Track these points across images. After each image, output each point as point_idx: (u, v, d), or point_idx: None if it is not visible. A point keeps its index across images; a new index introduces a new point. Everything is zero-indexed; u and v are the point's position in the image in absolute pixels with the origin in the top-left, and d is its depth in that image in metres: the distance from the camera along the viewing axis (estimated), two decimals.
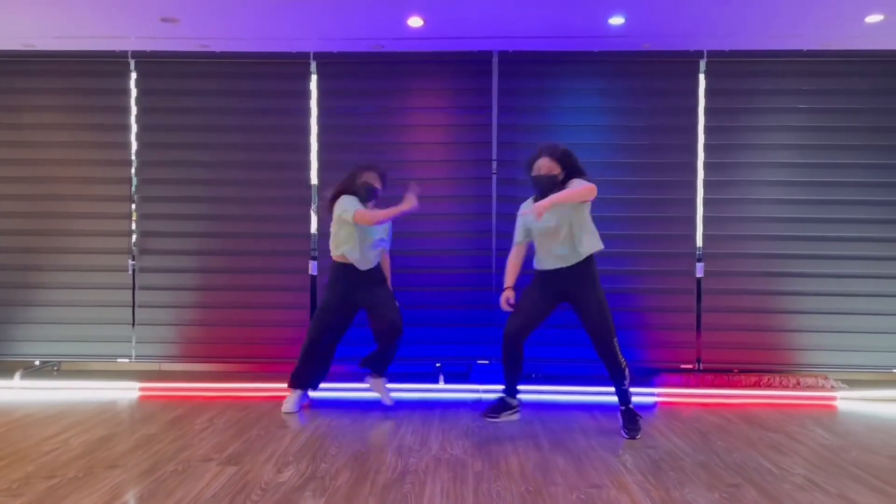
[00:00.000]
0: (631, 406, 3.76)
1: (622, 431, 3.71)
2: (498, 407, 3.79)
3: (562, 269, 3.70)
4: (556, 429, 3.87)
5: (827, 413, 4.31)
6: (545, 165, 3.69)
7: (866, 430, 3.88)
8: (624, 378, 3.72)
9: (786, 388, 4.82)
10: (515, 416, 3.84)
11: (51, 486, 2.86)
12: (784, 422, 4.05)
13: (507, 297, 3.82)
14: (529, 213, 3.78)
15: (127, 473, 3.03)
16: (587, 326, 3.69)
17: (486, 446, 3.51)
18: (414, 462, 3.23)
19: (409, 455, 3.34)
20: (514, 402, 3.82)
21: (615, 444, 3.56)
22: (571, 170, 3.70)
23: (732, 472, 3.11)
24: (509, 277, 3.89)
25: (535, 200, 3.78)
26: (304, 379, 4.25)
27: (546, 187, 3.67)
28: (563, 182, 3.67)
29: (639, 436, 3.67)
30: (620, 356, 3.70)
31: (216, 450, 3.39)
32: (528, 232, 3.87)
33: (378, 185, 4.19)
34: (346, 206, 4.01)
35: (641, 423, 3.77)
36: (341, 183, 4.20)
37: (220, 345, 5.05)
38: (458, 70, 5.04)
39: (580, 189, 3.47)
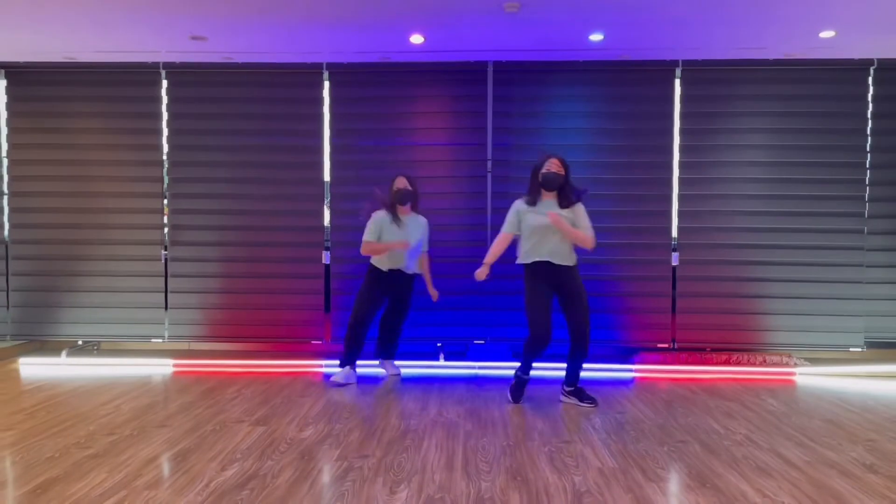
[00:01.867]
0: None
1: (585, 403, 4.25)
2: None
3: (559, 265, 4.21)
4: (539, 398, 4.43)
5: (785, 387, 4.84)
6: (556, 164, 4.22)
7: (813, 400, 4.42)
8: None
9: (752, 365, 5.36)
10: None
11: (112, 441, 3.45)
12: (742, 393, 4.60)
13: (485, 273, 4.35)
14: (544, 217, 4.20)
15: (174, 432, 3.62)
16: (574, 318, 4.22)
17: (476, 412, 4.08)
18: (414, 423, 3.81)
19: (410, 418, 3.92)
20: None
21: (588, 411, 4.12)
22: (568, 176, 4.25)
23: (684, 432, 3.67)
24: (492, 257, 4.38)
25: (540, 192, 4.27)
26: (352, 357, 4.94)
27: (556, 183, 4.21)
28: (565, 184, 4.23)
29: (596, 403, 4.23)
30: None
31: (246, 413, 3.98)
32: (520, 226, 4.34)
33: (408, 186, 4.84)
34: (365, 233, 4.81)
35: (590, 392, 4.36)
36: (380, 195, 4.90)
37: (244, 326, 5.64)
38: (457, 79, 5.57)
39: (585, 236, 4.16)
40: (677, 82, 5.47)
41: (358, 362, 4.99)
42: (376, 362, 5.19)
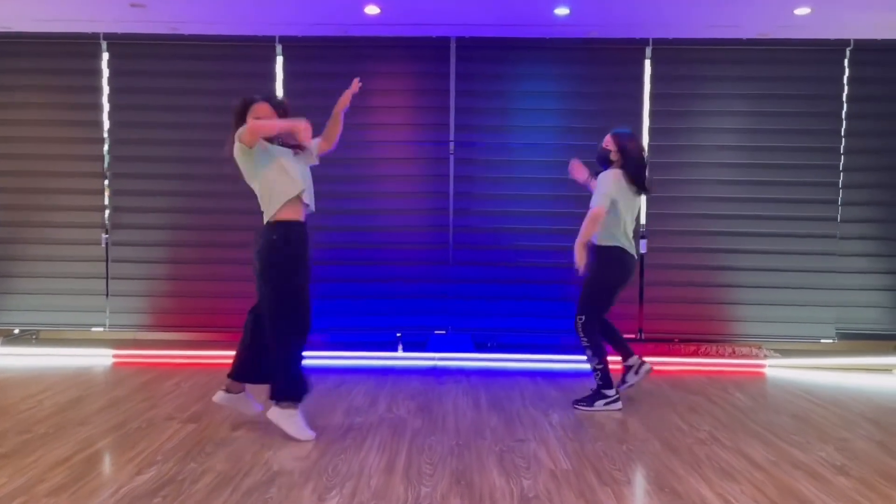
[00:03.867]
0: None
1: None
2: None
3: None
4: (497, 392, 4.19)
5: (753, 379, 4.65)
6: (608, 140, 3.93)
7: (782, 394, 4.23)
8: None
9: (721, 356, 5.18)
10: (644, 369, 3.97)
11: (24, 440, 3.15)
12: (708, 386, 4.40)
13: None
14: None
15: (95, 430, 3.33)
16: None
17: (429, 407, 3.83)
18: (359, 421, 3.55)
19: (356, 415, 3.66)
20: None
21: (547, 406, 3.89)
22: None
23: (645, 430, 3.45)
24: None
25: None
26: None
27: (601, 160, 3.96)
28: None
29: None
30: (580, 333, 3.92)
31: (179, 409, 3.69)
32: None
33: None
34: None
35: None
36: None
37: (190, 315, 5.33)
38: (418, 54, 5.28)
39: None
40: (647, 62, 5.22)
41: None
42: (328, 353, 4.90)
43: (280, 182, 3.20)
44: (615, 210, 3.79)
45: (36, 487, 2.61)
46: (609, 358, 3.90)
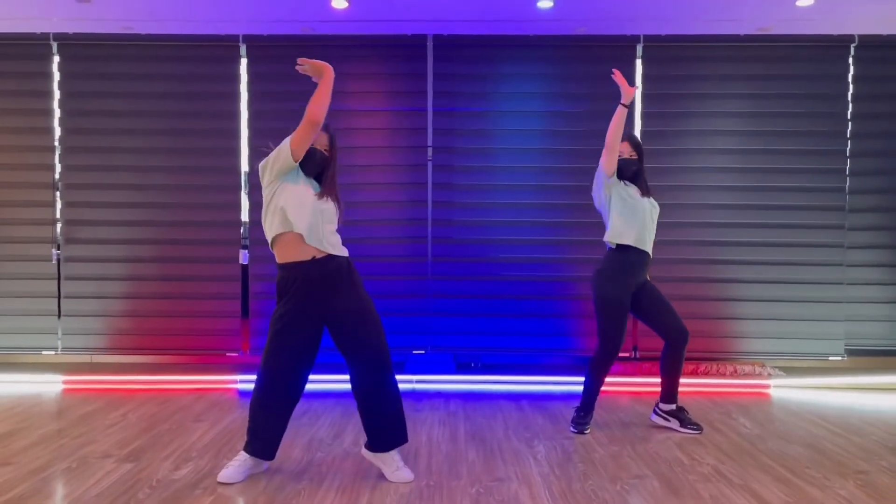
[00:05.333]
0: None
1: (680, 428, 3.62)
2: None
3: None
4: (478, 419, 3.80)
5: (757, 401, 4.28)
6: (626, 147, 3.56)
7: (790, 419, 3.85)
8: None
9: (722, 376, 4.80)
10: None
11: None
12: (711, 410, 4.01)
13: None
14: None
15: (16, 471, 2.92)
16: None
17: None
18: (320, 457, 3.15)
19: (317, 450, 3.26)
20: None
21: (532, 436, 3.50)
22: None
23: (641, 463, 3.07)
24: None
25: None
26: None
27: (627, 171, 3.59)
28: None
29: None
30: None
31: (119, 445, 3.28)
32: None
33: None
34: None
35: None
36: None
37: (150, 336, 4.93)
38: (393, 54, 4.93)
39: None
40: (638, 61, 4.88)
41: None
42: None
43: None
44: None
45: None
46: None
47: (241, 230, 4.94)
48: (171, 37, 4.85)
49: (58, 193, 4.93)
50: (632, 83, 4.84)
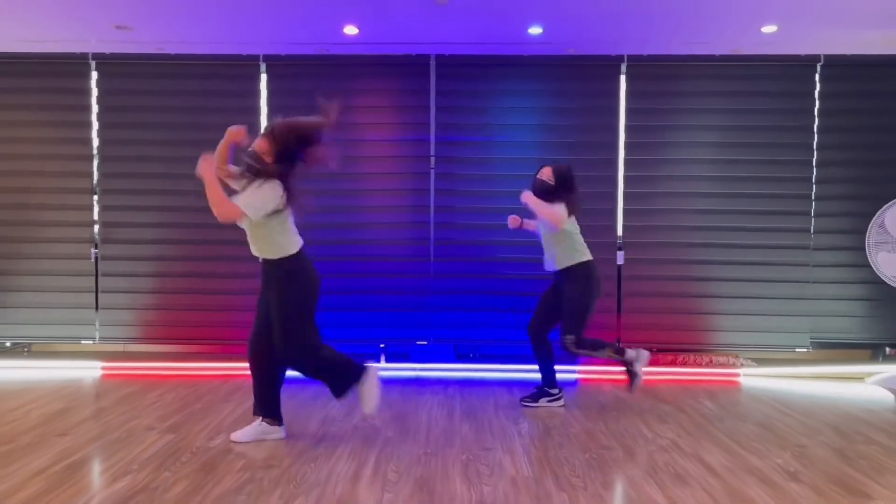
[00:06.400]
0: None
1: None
2: (534, 395, 4.20)
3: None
4: (472, 402, 4.30)
5: (726, 388, 4.75)
6: (546, 172, 4.09)
7: (752, 403, 4.32)
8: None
9: (699, 365, 5.26)
10: (558, 403, 4.18)
11: (7, 450, 3.26)
12: (681, 395, 4.49)
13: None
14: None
15: (76, 440, 3.44)
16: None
17: (403, 417, 3.93)
18: (334, 430, 3.65)
19: (331, 424, 3.76)
20: (553, 391, 4.20)
21: (518, 415, 3.99)
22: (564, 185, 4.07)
23: (610, 437, 3.55)
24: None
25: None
26: None
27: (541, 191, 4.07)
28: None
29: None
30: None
31: (159, 420, 3.80)
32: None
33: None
34: None
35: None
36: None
37: (178, 327, 5.44)
38: (399, 72, 5.41)
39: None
40: (622, 78, 5.35)
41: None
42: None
43: None
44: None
45: (14, 496, 2.72)
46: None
47: None
48: (198, 56, 5.35)
49: (96, 198, 5.45)
50: (617, 98, 5.33)
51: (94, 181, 5.44)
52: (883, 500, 2.75)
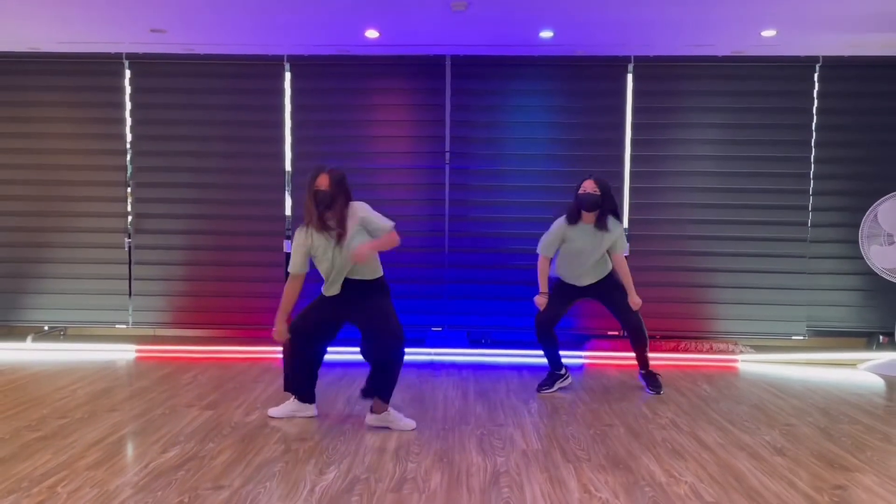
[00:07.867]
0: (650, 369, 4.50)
1: (647, 390, 4.43)
2: (548, 381, 4.47)
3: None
4: (485, 384, 4.60)
5: (724, 373, 5.03)
6: (591, 184, 4.31)
7: (747, 387, 4.61)
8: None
9: (699, 352, 5.54)
10: (567, 381, 4.51)
11: (62, 424, 3.59)
12: (681, 379, 4.78)
13: (542, 301, 4.45)
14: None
15: (124, 415, 3.77)
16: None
17: (421, 398, 4.24)
18: (358, 409, 3.97)
19: (355, 404, 4.08)
20: (562, 372, 4.49)
21: (528, 396, 4.29)
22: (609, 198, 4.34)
23: (613, 416, 3.85)
24: (543, 283, 4.49)
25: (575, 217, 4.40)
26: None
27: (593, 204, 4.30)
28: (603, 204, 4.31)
29: (662, 391, 4.38)
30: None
31: (198, 398, 4.12)
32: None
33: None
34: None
35: (661, 380, 4.48)
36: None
37: (206, 313, 5.78)
38: (416, 72, 5.69)
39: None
40: (629, 77, 5.60)
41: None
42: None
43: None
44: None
45: (77, 463, 3.05)
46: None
47: (285, 223, 5.75)
48: (225, 56, 5.64)
49: (129, 190, 5.77)
50: (624, 98, 5.58)
51: (128, 174, 5.76)
52: (859, 472, 3.04)
